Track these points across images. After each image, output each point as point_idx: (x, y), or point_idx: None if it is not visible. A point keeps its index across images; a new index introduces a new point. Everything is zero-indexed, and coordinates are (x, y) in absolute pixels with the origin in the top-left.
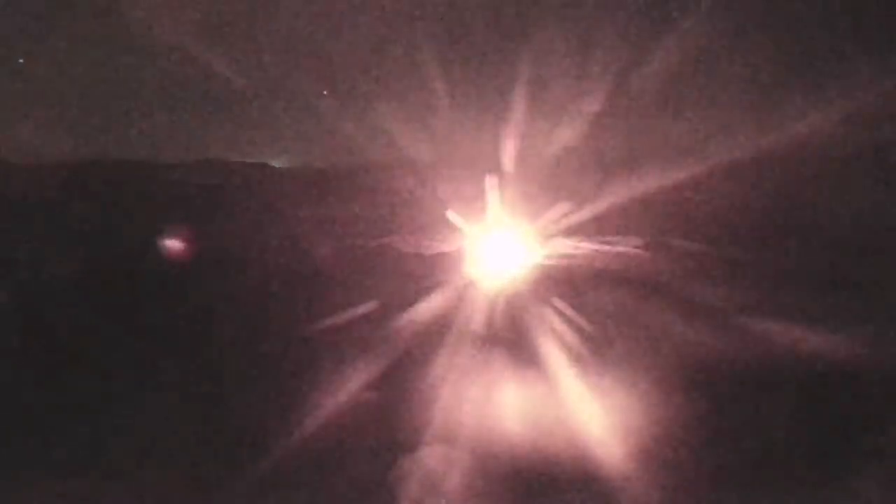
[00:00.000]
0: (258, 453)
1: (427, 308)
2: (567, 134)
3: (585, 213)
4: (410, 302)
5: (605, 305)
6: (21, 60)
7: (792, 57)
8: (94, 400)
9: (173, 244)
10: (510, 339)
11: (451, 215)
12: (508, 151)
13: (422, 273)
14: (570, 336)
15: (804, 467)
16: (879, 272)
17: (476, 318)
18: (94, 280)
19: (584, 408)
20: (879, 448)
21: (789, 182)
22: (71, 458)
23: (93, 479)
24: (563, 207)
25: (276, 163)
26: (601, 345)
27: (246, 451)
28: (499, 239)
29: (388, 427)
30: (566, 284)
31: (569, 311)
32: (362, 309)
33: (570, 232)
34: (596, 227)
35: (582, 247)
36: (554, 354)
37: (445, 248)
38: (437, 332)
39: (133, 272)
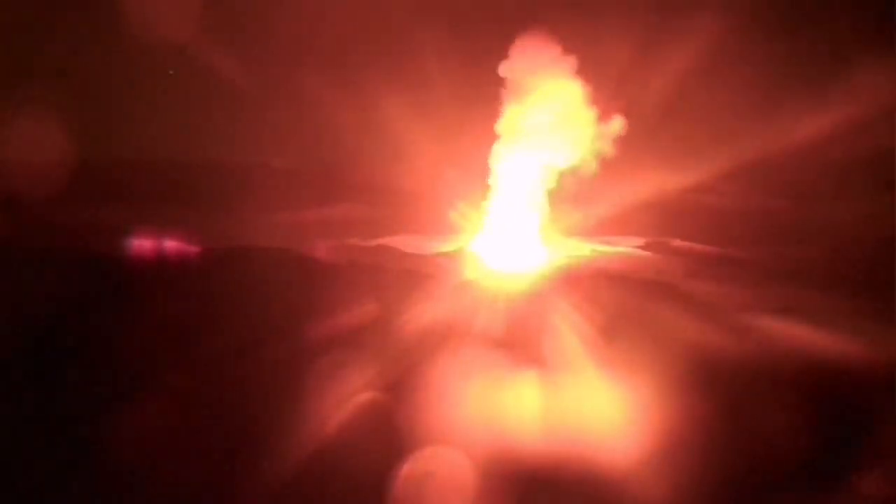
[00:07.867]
0: (259, 454)
1: (428, 308)
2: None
3: (587, 213)
4: (411, 302)
5: (606, 305)
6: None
7: (793, 62)
8: (94, 402)
9: (173, 244)
10: (511, 338)
11: (452, 215)
12: (510, 152)
13: (423, 273)
14: (572, 335)
15: (804, 466)
16: (878, 273)
17: (477, 318)
18: (93, 280)
19: (586, 407)
20: (879, 448)
21: (790, 183)
22: (71, 459)
23: (93, 481)
24: (564, 208)
25: (276, 163)
26: (603, 344)
27: (247, 452)
28: (500, 239)
29: (390, 427)
30: (568, 284)
31: (570, 311)
32: (363, 309)
33: (573, 232)
34: (598, 228)
35: (584, 247)
36: (555, 353)
37: (446, 248)
38: (439, 331)
39: (132, 272)
